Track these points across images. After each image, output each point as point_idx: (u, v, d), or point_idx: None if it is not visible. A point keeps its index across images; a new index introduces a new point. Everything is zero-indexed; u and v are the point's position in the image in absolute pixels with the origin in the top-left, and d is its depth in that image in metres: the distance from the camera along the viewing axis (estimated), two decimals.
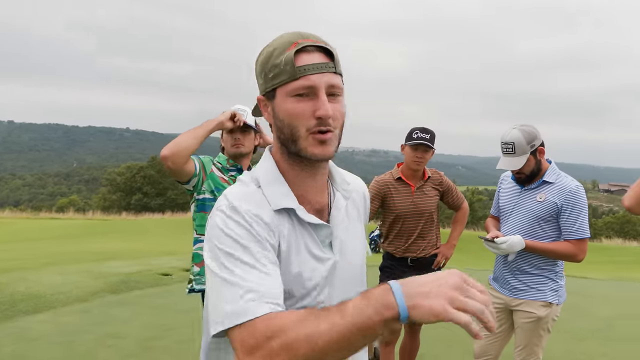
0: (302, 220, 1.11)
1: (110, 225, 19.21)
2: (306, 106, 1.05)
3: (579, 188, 2.67)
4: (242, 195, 1.08)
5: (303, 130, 1.06)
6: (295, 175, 1.14)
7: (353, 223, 1.24)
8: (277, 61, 1.05)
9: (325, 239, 1.15)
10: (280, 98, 1.07)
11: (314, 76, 1.04)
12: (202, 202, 2.63)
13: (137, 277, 6.84)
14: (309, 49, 1.05)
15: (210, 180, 2.61)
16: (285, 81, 1.05)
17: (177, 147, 2.35)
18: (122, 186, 44.35)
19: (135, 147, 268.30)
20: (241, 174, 2.68)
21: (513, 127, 2.72)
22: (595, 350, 4.63)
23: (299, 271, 1.09)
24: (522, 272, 2.75)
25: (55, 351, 4.11)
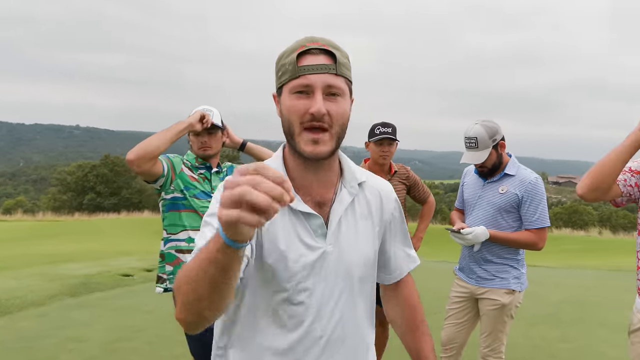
0: (293, 207, 1.18)
1: (63, 226, 18.54)
2: (303, 103, 1.13)
3: (538, 180, 2.80)
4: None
5: (297, 125, 1.14)
6: (298, 169, 1.22)
7: (359, 220, 1.28)
8: (284, 61, 1.17)
9: (317, 228, 1.20)
10: (284, 95, 1.17)
11: (313, 76, 1.13)
12: (172, 201, 2.60)
13: (96, 278, 6.66)
14: (314, 51, 1.15)
15: (179, 179, 2.59)
16: (287, 79, 1.15)
17: (143, 150, 2.32)
18: (73, 186, 42.74)
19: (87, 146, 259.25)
20: (210, 172, 2.66)
21: (475, 122, 2.83)
22: (549, 334, 4.88)
23: (284, 251, 1.17)
24: (487, 261, 2.86)
25: (14, 357, 3.97)
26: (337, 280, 1.23)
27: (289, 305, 1.19)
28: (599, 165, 2.03)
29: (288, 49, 1.18)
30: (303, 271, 1.19)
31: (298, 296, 1.19)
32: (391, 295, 1.48)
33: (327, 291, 1.22)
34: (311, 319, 1.20)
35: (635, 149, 1.99)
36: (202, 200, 2.63)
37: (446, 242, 3.73)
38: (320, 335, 1.21)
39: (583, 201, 32.44)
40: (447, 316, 3.06)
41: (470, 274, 2.94)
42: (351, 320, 1.26)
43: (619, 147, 2.01)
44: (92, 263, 7.97)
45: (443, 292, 3.68)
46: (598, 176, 2.02)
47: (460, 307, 2.99)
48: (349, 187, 1.26)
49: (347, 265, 1.24)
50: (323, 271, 1.21)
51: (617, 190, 2.09)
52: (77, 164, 46.90)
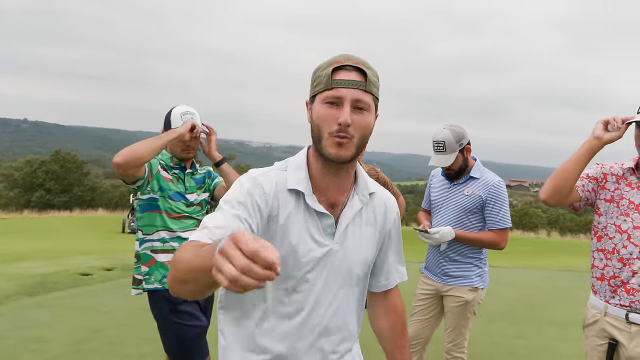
0: (309, 205, 1.31)
1: (12, 224, 17.77)
2: (333, 113, 1.26)
3: (501, 183, 2.97)
4: (263, 172, 1.33)
5: (326, 132, 1.26)
6: (320, 170, 1.34)
7: (365, 226, 1.40)
8: (320, 73, 1.29)
9: (327, 227, 1.33)
10: (316, 103, 1.29)
11: (344, 89, 1.25)
12: (148, 202, 2.61)
13: (54, 277, 6.46)
14: (348, 67, 1.27)
15: (155, 180, 2.60)
16: (321, 90, 1.28)
17: (132, 156, 2.33)
18: (21, 182, 40.93)
19: (35, 140, 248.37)
20: (184, 172, 2.70)
21: (444, 127, 2.97)
22: (506, 331, 5.12)
23: (295, 245, 1.29)
24: (451, 260, 3.00)
25: None
26: (338, 276, 1.36)
27: (291, 293, 1.32)
28: (559, 171, 2.17)
29: (325, 63, 1.29)
30: (309, 264, 1.31)
31: (301, 286, 1.32)
32: (379, 303, 1.59)
33: (327, 284, 1.35)
34: (310, 307, 1.33)
35: (591, 155, 2.14)
36: (176, 201, 2.63)
37: (413, 242, 3.86)
38: (316, 324, 1.34)
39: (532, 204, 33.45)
40: (412, 313, 3.18)
41: (436, 272, 3.07)
42: (345, 312, 1.40)
43: (576, 154, 2.15)
44: (48, 262, 7.72)
45: (410, 290, 3.81)
46: (558, 182, 2.15)
47: (426, 304, 3.12)
48: (361, 195, 1.39)
49: (349, 264, 1.37)
50: (327, 266, 1.33)
51: (576, 195, 2.25)
52: (26, 160, 44.93)
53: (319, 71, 1.30)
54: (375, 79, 1.30)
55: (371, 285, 1.56)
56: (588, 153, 2.13)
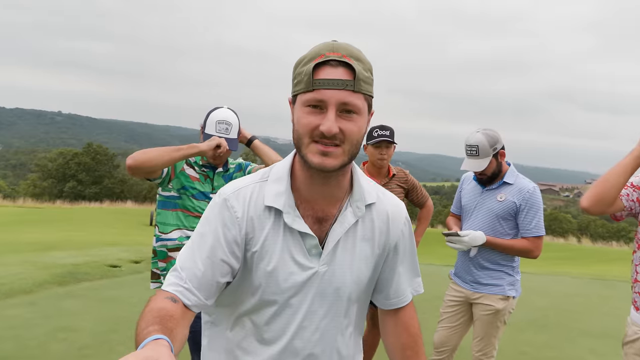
0: (289, 225, 1.14)
1: (45, 213, 18.26)
2: (315, 119, 1.07)
3: (536, 189, 2.88)
4: (236, 189, 1.18)
5: (307, 139, 1.09)
6: (305, 179, 1.17)
7: (357, 243, 1.22)
8: (301, 70, 1.09)
9: (312, 248, 1.17)
10: (297, 105, 1.11)
11: (328, 91, 1.05)
12: (166, 199, 2.55)
13: (84, 268, 6.60)
14: (333, 63, 1.06)
15: (179, 178, 2.53)
16: (302, 90, 1.08)
17: (144, 163, 2.28)
18: (55, 173, 42.12)
19: (69, 132, 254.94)
20: (214, 171, 2.60)
21: (477, 130, 2.89)
22: (535, 340, 4.99)
23: (272, 270, 1.15)
24: (482, 267, 2.93)
25: (3, 345, 3.94)
26: (324, 299, 1.20)
27: (273, 319, 1.19)
28: (603, 178, 2.09)
29: (307, 56, 1.09)
30: (291, 289, 1.17)
31: (283, 312, 1.19)
32: (388, 321, 1.39)
33: (312, 308, 1.20)
34: (292, 333, 1.19)
35: (637, 165, 2.05)
36: (200, 200, 2.55)
37: (439, 245, 3.79)
38: (300, 349, 1.21)
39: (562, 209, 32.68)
40: (440, 319, 3.12)
41: (466, 279, 3.00)
42: (334, 336, 1.24)
43: (622, 162, 2.07)
44: (79, 252, 7.89)
45: (436, 295, 3.75)
46: (602, 189, 2.07)
47: (454, 311, 3.06)
48: (355, 207, 1.20)
49: (338, 286, 1.21)
50: (312, 290, 1.19)
51: (619, 204, 2.16)
52: (59, 151, 46.24)
53: (300, 67, 1.10)
54: (368, 73, 1.09)
55: (379, 302, 1.38)
56: (634, 162, 2.05)
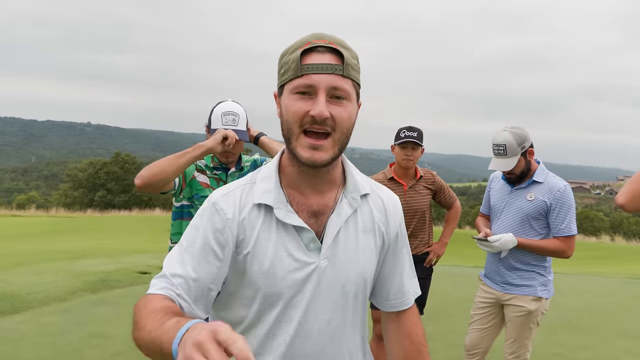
0: (281, 220, 1.11)
1: (76, 222, 18.70)
2: (304, 105, 1.05)
3: (567, 187, 2.81)
4: (225, 192, 1.15)
5: (297, 128, 1.06)
6: (295, 173, 1.14)
7: (359, 234, 1.18)
8: (287, 59, 1.08)
9: (309, 242, 1.12)
10: (284, 94, 1.09)
11: (316, 76, 1.04)
12: (180, 209, 2.46)
13: (115, 275, 6.73)
14: (321, 49, 1.05)
15: (190, 187, 2.41)
16: (289, 78, 1.07)
17: (151, 178, 2.14)
18: (85, 182, 43.13)
19: (97, 143, 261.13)
20: (227, 172, 2.46)
21: (504, 129, 2.84)
22: (569, 341, 4.87)
23: (269, 269, 1.11)
24: (513, 268, 2.88)
25: (40, 351, 4.04)
26: (330, 298, 1.15)
27: (276, 323, 1.13)
28: (638, 174, 2.03)
29: (293, 45, 1.09)
30: (292, 288, 1.12)
31: (286, 313, 1.13)
32: (390, 325, 1.34)
33: (318, 307, 1.14)
34: (300, 336, 1.14)
35: None
36: None
37: (467, 246, 3.75)
38: (308, 352, 1.15)
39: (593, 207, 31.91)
40: (471, 321, 3.08)
41: (496, 280, 2.95)
42: (342, 335, 1.19)
43: None
44: (109, 260, 8.05)
45: (465, 297, 3.70)
46: (638, 186, 2.01)
47: (486, 313, 3.01)
48: (350, 198, 1.17)
49: (343, 282, 1.16)
50: (316, 288, 1.13)
51: None
52: (89, 161, 47.38)
53: (286, 56, 1.08)
54: (355, 60, 1.09)
55: (379, 303, 1.32)
56: None
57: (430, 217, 3.55)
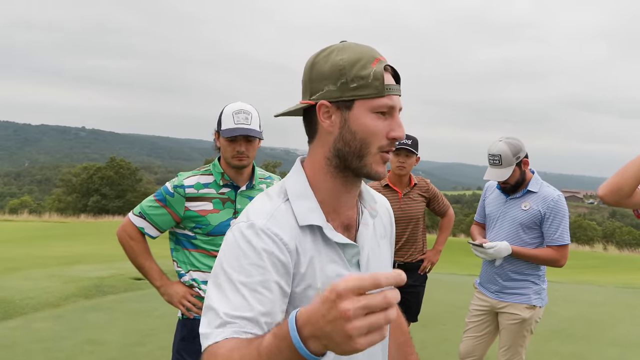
0: (328, 238, 1.07)
1: (69, 227, 18.61)
2: (383, 125, 1.06)
3: (561, 197, 2.85)
4: (266, 216, 1.04)
5: (375, 148, 1.06)
6: (331, 190, 1.11)
7: (380, 241, 1.22)
8: (363, 72, 1.03)
9: (352, 258, 1.11)
10: (359, 111, 1.04)
11: (395, 97, 1.06)
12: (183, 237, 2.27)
13: (109, 281, 6.70)
14: (388, 68, 1.06)
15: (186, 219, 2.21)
16: (370, 96, 1.03)
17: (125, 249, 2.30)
18: (79, 187, 42.92)
19: (92, 147, 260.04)
20: (236, 191, 2.25)
21: (499, 139, 2.88)
22: (561, 350, 4.89)
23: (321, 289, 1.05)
24: (507, 276, 2.90)
25: (33, 358, 4.02)
26: None
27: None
28: (622, 169, 2.08)
29: (361, 58, 1.04)
30: None
31: None
32: None
33: None
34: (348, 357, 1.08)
35: None
36: (219, 235, 2.19)
37: (463, 254, 3.77)
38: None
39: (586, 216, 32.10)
40: (466, 329, 3.09)
41: (491, 288, 2.98)
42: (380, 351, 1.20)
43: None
44: (104, 265, 8.01)
45: (460, 305, 3.72)
46: (620, 179, 2.06)
47: (480, 321, 3.03)
48: (369, 207, 1.19)
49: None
50: None
51: (639, 200, 2.14)
52: (83, 166, 47.16)
53: (359, 69, 1.03)
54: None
55: None
56: None
57: (424, 225, 3.58)
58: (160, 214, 2.21)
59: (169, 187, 2.21)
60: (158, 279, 2.30)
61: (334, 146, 1.07)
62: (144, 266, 2.30)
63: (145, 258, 2.29)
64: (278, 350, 0.79)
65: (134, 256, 2.29)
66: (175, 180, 2.23)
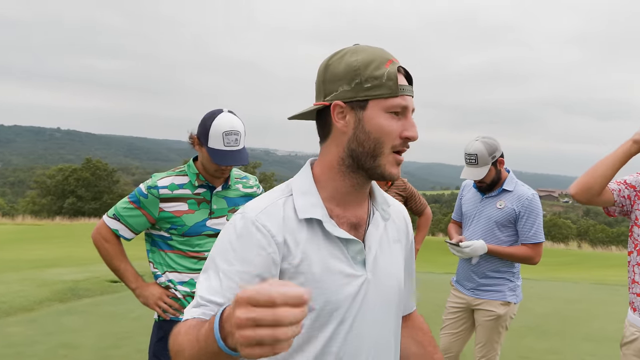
0: (330, 233, 1.08)
1: (44, 230, 18.25)
2: (397, 125, 1.07)
3: (535, 196, 2.90)
4: (262, 207, 1.07)
5: (388, 148, 1.07)
6: (338, 188, 1.11)
7: (391, 245, 1.21)
8: (377, 73, 1.04)
9: (356, 255, 1.11)
10: (373, 111, 1.06)
11: (409, 97, 1.08)
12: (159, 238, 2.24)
13: (84, 284, 6.58)
14: (401, 69, 1.08)
15: (161, 220, 2.18)
16: (384, 96, 1.05)
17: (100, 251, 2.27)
18: (54, 189, 42.07)
19: (67, 148, 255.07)
20: (212, 192, 2.23)
21: (476, 139, 2.92)
22: (537, 346, 4.98)
23: (320, 283, 1.07)
24: (483, 274, 2.94)
25: None
26: (377, 310, 1.14)
27: (330, 342, 1.09)
28: (592, 168, 2.16)
29: (374, 59, 1.06)
30: (344, 303, 1.08)
31: (339, 331, 1.09)
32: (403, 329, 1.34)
33: (369, 323, 1.13)
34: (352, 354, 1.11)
35: (626, 158, 2.10)
36: (194, 236, 2.18)
37: (441, 253, 3.80)
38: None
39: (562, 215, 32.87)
40: (443, 326, 3.13)
41: (467, 285, 3.01)
42: (388, 349, 1.20)
43: (612, 154, 2.14)
44: (79, 269, 7.86)
45: (437, 303, 3.75)
46: (590, 178, 2.14)
47: (457, 318, 3.06)
48: (381, 209, 1.18)
49: (386, 294, 1.16)
50: (365, 301, 1.11)
51: (609, 197, 2.20)
52: (58, 167, 46.21)
53: (373, 70, 1.05)
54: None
55: None
56: (624, 155, 2.10)
57: None
58: (135, 216, 2.18)
59: (142, 189, 2.18)
60: (133, 281, 2.27)
61: (348, 146, 1.09)
62: (119, 268, 2.27)
63: (120, 260, 2.27)
64: (209, 340, 0.83)
65: (109, 259, 2.26)
66: (149, 181, 2.20)
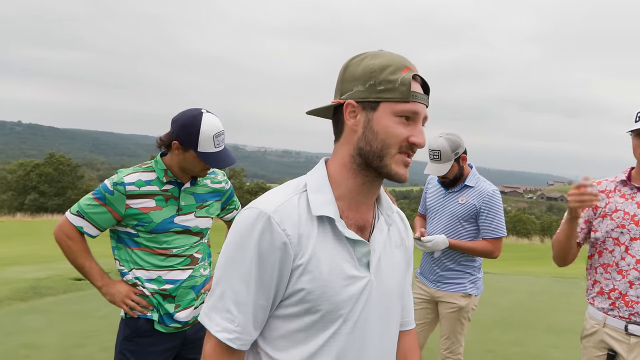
0: (340, 233, 1.10)
1: (4, 227, 17.66)
2: (405, 130, 1.10)
3: (496, 192, 2.98)
4: (279, 202, 1.09)
5: (394, 150, 1.10)
6: (351, 187, 1.14)
7: (394, 250, 1.22)
8: (392, 77, 1.08)
9: (362, 256, 1.13)
10: (383, 112, 1.09)
11: (420, 105, 1.11)
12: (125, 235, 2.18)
13: (47, 282, 6.42)
14: (417, 77, 1.12)
15: (128, 217, 2.12)
16: (395, 99, 1.08)
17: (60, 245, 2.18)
18: (14, 185, 40.78)
19: (29, 143, 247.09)
20: (181, 188, 2.19)
21: (440, 135, 2.97)
22: (502, 338, 5.12)
23: (326, 282, 1.08)
24: (445, 267, 3.01)
25: None
26: (379, 313, 1.16)
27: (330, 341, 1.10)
28: (556, 247, 2.35)
29: (392, 64, 1.09)
30: (348, 303, 1.10)
31: (341, 331, 1.11)
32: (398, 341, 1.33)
33: (371, 324, 1.14)
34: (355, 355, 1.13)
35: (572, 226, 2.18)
36: (161, 233, 2.15)
37: None
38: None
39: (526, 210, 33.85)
40: None
41: (430, 278, 3.08)
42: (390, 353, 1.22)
43: (560, 229, 2.30)
44: (41, 267, 7.66)
45: None
46: (561, 253, 2.35)
47: (420, 309, 3.13)
48: (385, 214, 1.21)
49: (388, 297, 1.18)
50: (367, 303, 1.13)
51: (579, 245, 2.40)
52: (19, 162, 44.78)
53: (388, 74, 1.09)
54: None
55: None
56: (568, 226, 2.21)
57: None
58: (100, 212, 2.12)
59: (108, 185, 2.11)
60: (99, 278, 2.21)
61: (357, 145, 1.12)
62: (84, 266, 2.21)
63: (85, 258, 2.20)
64: None
65: (73, 256, 2.19)
66: (115, 177, 2.13)
